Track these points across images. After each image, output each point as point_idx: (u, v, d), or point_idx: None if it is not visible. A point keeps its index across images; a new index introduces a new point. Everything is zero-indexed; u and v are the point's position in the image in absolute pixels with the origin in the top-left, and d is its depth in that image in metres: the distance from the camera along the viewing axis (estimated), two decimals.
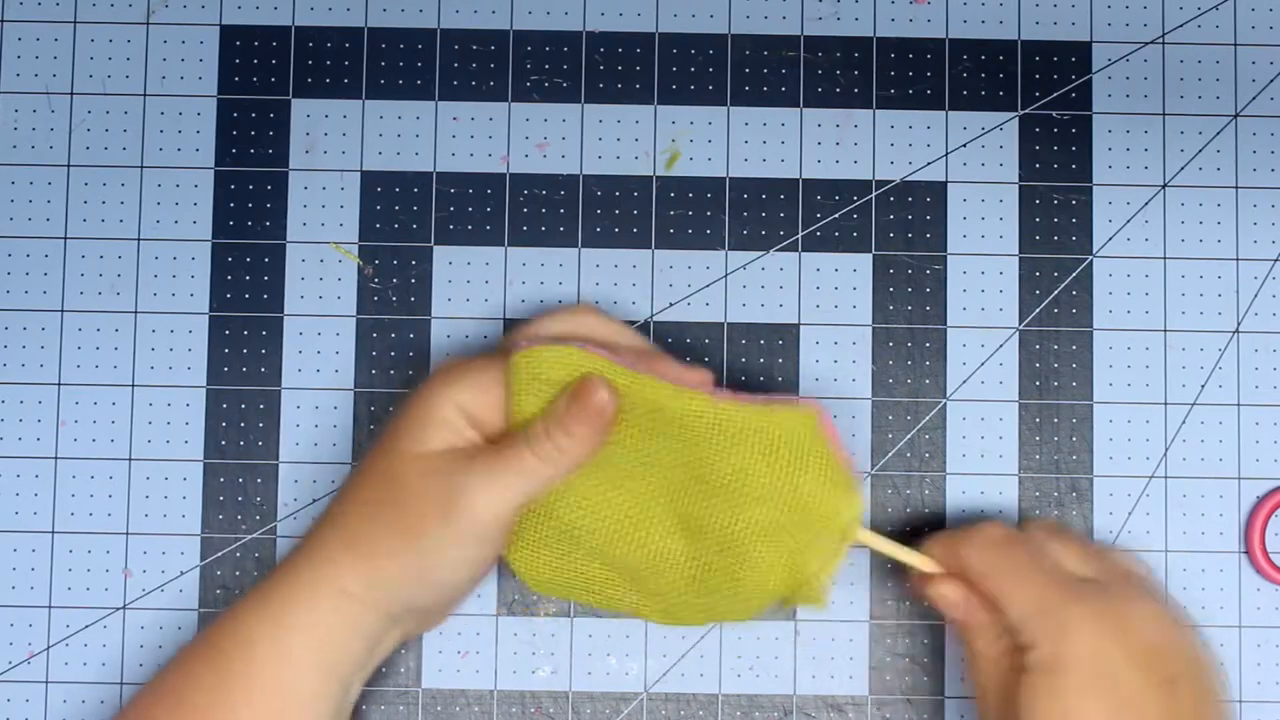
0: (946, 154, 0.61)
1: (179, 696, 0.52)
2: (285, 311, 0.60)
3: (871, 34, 0.61)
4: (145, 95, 0.61)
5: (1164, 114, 0.61)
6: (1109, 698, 0.49)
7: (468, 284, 0.60)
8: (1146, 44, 0.61)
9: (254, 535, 0.59)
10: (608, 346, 0.53)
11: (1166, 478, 0.60)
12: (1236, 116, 0.61)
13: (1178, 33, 0.61)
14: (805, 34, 0.61)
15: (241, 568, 0.59)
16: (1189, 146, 0.61)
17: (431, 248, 0.60)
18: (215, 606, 0.59)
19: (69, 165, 0.60)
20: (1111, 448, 0.60)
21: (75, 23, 0.61)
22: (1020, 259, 0.60)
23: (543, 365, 0.52)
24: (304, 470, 0.60)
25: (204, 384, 0.60)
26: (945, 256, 0.60)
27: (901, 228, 0.60)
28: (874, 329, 0.60)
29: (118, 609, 0.59)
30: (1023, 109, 0.61)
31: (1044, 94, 0.61)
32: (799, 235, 0.60)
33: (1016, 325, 0.60)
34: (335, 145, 0.61)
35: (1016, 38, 0.61)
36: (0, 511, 0.59)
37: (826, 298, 0.60)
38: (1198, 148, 0.61)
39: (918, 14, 0.61)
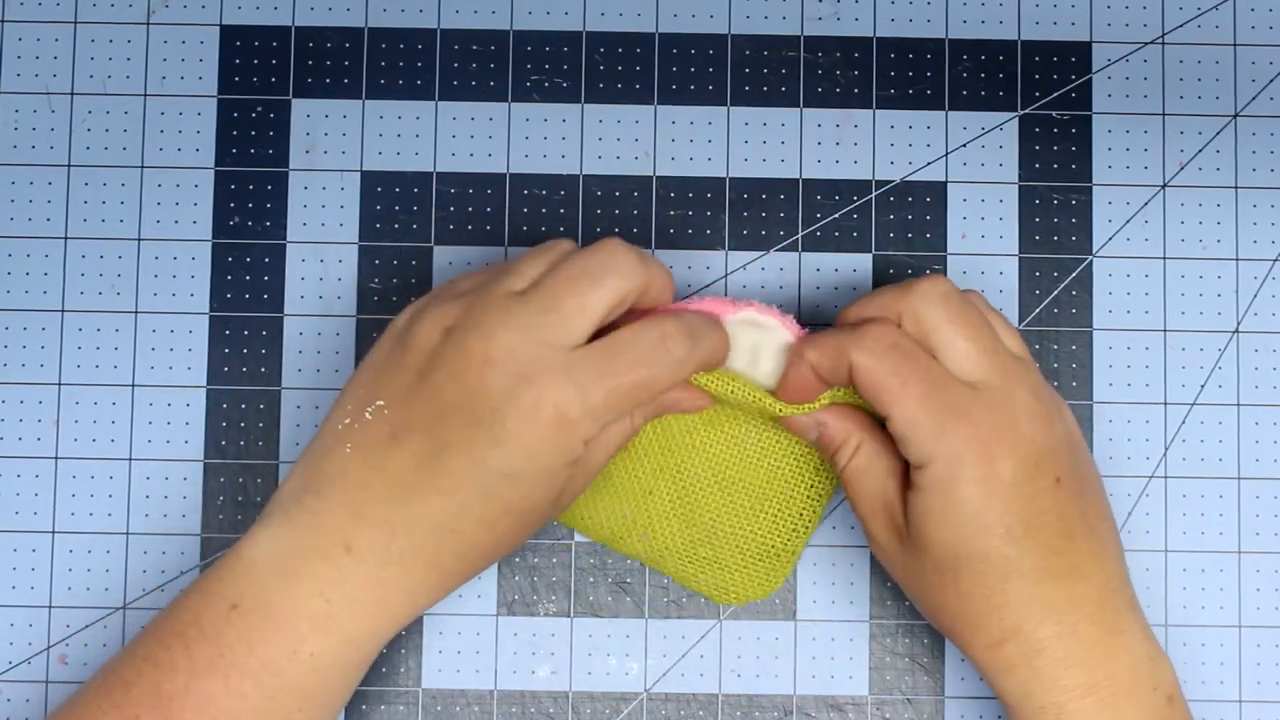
0: (946, 154, 0.61)
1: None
2: (285, 311, 0.60)
3: (871, 34, 0.61)
4: (145, 95, 0.61)
5: (1164, 114, 0.61)
6: (1000, 512, 0.50)
7: None
8: (1146, 44, 0.61)
9: None
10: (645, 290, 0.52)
11: (1166, 478, 0.60)
12: (1236, 116, 0.61)
13: (1178, 33, 0.61)
14: (805, 34, 0.61)
15: None
16: (1189, 146, 0.61)
17: (431, 248, 0.60)
18: None
19: (69, 165, 0.60)
20: (1111, 448, 0.60)
21: (75, 23, 0.61)
22: (1020, 259, 0.60)
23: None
24: None
25: (204, 384, 0.60)
26: (945, 256, 0.60)
27: (901, 228, 0.60)
28: None
29: (118, 609, 0.59)
30: (1023, 109, 0.61)
31: (1044, 94, 0.61)
32: (799, 235, 0.60)
33: (1016, 325, 0.60)
34: (335, 145, 0.61)
35: (1016, 38, 0.61)
36: (0, 511, 0.59)
37: (826, 298, 0.60)
38: (1198, 148, 0.61)
39: (918, 14, 0.61)
